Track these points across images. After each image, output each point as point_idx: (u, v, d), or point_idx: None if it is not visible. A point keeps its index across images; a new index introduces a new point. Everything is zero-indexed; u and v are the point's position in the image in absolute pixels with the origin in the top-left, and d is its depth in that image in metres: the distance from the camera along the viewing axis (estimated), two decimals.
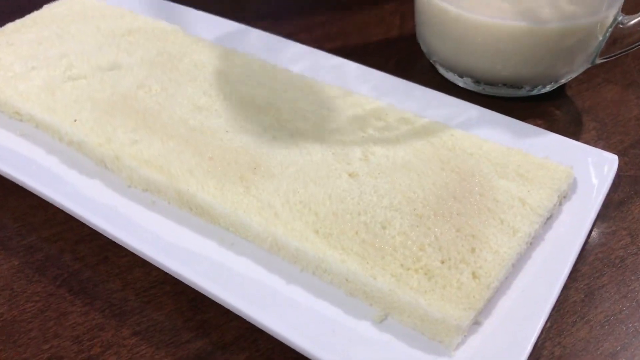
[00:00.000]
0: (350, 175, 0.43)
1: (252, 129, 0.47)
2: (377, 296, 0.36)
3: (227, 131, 0.47)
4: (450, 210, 0.40)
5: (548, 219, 0.42)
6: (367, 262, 0.37)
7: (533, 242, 0.41)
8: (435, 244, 0.38)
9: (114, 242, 0.41)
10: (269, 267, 0.39)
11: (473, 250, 0.38)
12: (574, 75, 0.55)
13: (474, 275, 0.37)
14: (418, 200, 0.41)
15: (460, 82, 0.58)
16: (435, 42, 0.56)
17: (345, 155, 0.45)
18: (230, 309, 0.37)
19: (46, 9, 0.62)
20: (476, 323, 0.36)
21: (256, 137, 0.46)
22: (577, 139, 0.50)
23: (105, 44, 0.57)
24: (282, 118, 0.48)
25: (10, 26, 0.59)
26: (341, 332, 0.36)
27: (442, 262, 0.37)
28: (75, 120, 0.47)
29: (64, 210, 0.43)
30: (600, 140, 0.53)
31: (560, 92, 0.58)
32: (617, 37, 0.53)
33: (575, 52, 0.52)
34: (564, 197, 0.43)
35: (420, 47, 0.61)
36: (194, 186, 0.42)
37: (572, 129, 0.54)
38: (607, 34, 0.53)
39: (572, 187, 0.44)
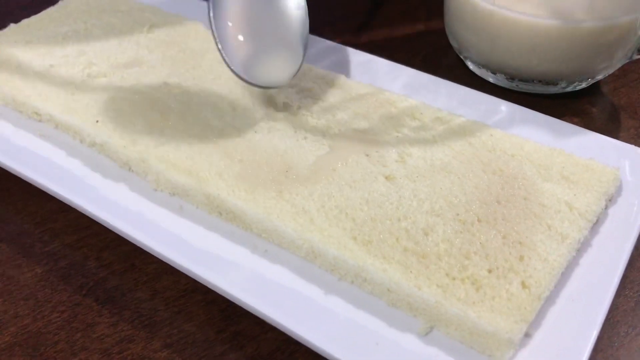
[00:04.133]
0: (387, 178, 0.41)
1: (281, 130, 0.45)
2: (421, 307, 0.35)
3: (255, 132, 0.45)
4: (495, 215, 0.38)
5: (595, 223, 0.40)
6: (411, 272, 0.35)
7: (580, 247, 0.39)
8: (482, 252, 0.36)
9: (140, 249, 0.40)
10: (305, 276, 0.38)
11: (521, 258, 0.36)
12: (611, 71, 0.53)
13: (524, 285, 0.35)
14: (460, 205, 0.39)
15: (491, 78, 0.56)
16: (467, 38, 0.54)
17: (380, 157, 0.43)
18: (266, 320, 0.35)
19: (62, 3, 0.60)
20: (526, 335, 0.34)
21: (286, 138, 0.44)
22: (616, 138, 0.48)
23: (124, 40, 0.55)
24: (311, 118, 0.46)
25: (26, 22, 0.57)
26: (384, 345, 0.34)
27: (490, 272, 0.35)
28: (97, 121, 0.46)
29: (88, 215, 0.41)
30: None
31: (595, 89, 0.56)
32: None
33: (613, 49, 0.50)
34: (609, 200, 0.42)
35: (447, 42, 0.59)
36: (224, 190, 0.40)
37: (610, 127, 0.52)
38: None
39: (617, 189, 0.42)
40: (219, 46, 0.43)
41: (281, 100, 0.48)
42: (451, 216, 0.38)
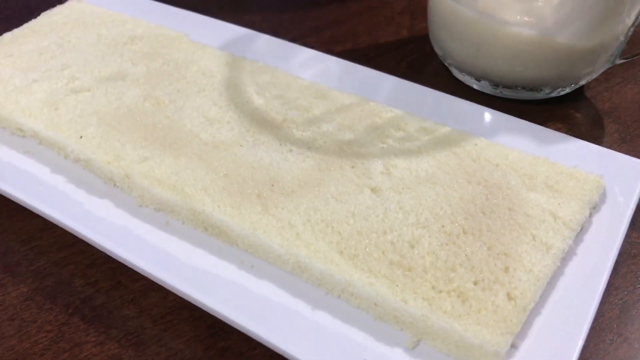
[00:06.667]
0: (372, 190, 0.41)
1: (266, 142, 0.45)
2: (408, 321, 0.35)
3: (241, 145, 0.45)
4: (480, 226, 0.38)
5: (579, 232, 0.40)
6: (397, 285, 0.35)
7: (565, 256, 0.39)
8: (467, 264, 0.36)
9: (126, 266, 0.39)
10: (292, 291, 0.38)
11: (506, 269, 0.36)
12: (594, 76, 0.53)
13: (509, 296, 0.35)
14: (446, 217, 0.39)
15: (475, 85, 0.56)
16: (452, 46, 0.54)
17: (365, 169, 0.43)
18: (253, 337, 0.35)
19: (44, 16, 0.60)
20: (512, 346, 0.34)
21: (271, 151, 0.44)
22: (600, 143, 0.48)
23: (107, 53, 0.54)
24: (297, 130, 0.46)
25: (7, 36, 0.57)
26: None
27: (475, 284, 0.36)
28: (81, 137, 0.45)
29: (74, 233, 0.41)
30: (624, 144, 0.51)
31: (578, 94, 0.56)
32: (638, 37, 0.52)
33: (597, 54, 0.50)
34: (593, 208, 0.42)
35: (432, 49, 0.59)
36: (209, 205, 0.40)
37: (594, 133, 0.53)
38: (630, 34, 0.51)
39: (601, 196, 0.43)
40: None
41: (266, 112, 0.48)
42: (437, 228, 0.38)
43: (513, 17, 0.48)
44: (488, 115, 0.49)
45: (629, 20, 0.49)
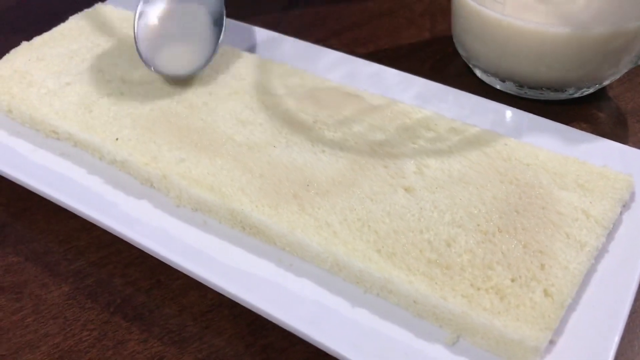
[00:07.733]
0: (406, 190, 0.42)
1: (299, 143, 0.46)
2: (447, 318, 0.35)
3: (274, 146, 0.45)
4: (515, 225, 0.39)
5: (610, 229, 0.41)
6: (436, 283, 0.36)
7: (597, 254, 0.40)
8: (504, 262, 0.37)
9: (165, 265, 0.40)
10: (331, 289, 0.38)
11: (542, 266, 0.37)
12: (617, 77, 0.54)
13: (546, 293, 0.36)
14: (480, 215, 0.40)
15: (499, 86, 0.57)
16: (476, 47, 0.55)
17: (398, 169, 0.44)
18: (295, 333, 0.36)
19: (72, 20, 0.60)
20: (550, 342, 0.35)
21: (304, 151, 0.45)
22: (625, 142, 0.49)
23: (136, 56, 0.55)
24: (328, 131, 0.47)
25: (37, 40, 0.57)
26: (414, 356, 0.35)
27: (513, 281, 0.36)
28: (117, 139, 0.46)
29: (114, 233, 0.41)
30: None
31: (601, 94, 0.57)
32: None
33: (621, 55, 0.51)
34: (623, 206, 0.43)
35: (454, 49, 0.60)
36: (247, 205, 0.41)
37: (619, 132, 0.53)
38: None
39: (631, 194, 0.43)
40: (138, 45, 0.52)
41: (297, 114, 0.49)
42: (472, 227, 0.39)
43: (537, 17, 0.49)
44: (516, 115, 0.49)
45: None
